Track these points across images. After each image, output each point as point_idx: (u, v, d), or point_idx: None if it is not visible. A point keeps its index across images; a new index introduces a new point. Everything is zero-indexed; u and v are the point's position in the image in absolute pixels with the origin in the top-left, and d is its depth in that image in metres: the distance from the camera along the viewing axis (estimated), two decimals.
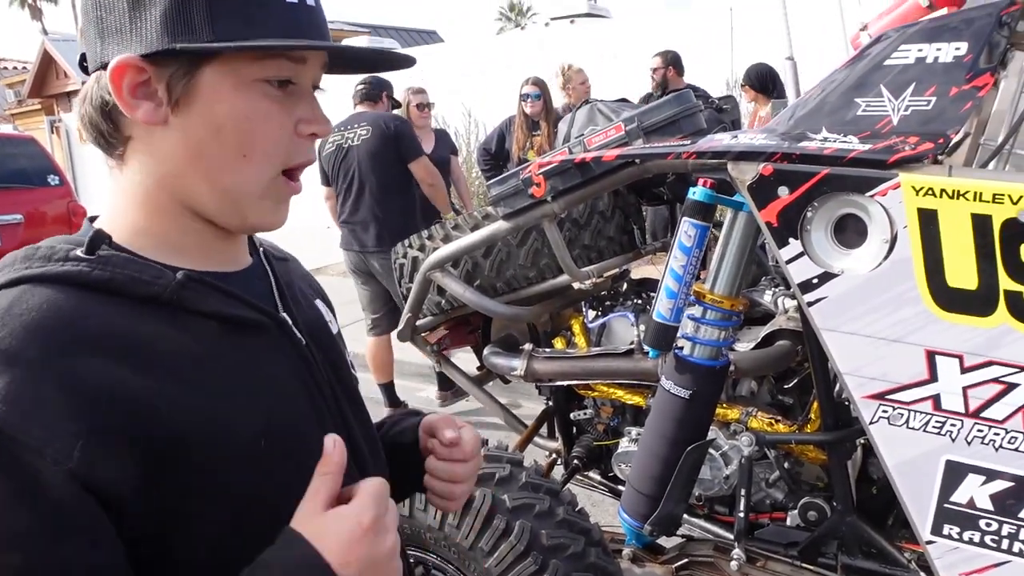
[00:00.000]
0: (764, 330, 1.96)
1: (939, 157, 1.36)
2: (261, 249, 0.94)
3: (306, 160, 0.82)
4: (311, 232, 10.76)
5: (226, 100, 0.76)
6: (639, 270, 3.60)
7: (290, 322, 0.86)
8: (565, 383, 2.25)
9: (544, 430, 2.64)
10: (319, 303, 1.00)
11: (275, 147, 0.79)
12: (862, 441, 1.85)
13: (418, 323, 2.41)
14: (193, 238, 0.82)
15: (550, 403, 2.48)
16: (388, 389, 4.81)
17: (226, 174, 0.78)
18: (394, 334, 2.63)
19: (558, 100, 5.76)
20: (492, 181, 1.97)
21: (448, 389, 4.83)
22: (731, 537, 1.90)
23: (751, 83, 5.66)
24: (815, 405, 1.86)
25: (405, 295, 2.39)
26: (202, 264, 0.82)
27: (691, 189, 1.70)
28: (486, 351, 2.36)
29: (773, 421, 1.92)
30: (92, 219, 0.83)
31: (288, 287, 0.92)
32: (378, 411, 5.08)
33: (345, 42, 13.47)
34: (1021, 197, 1.25)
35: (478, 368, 2.62)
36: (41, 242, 0.78)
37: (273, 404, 0.80)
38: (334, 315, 1.04)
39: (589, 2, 11.46)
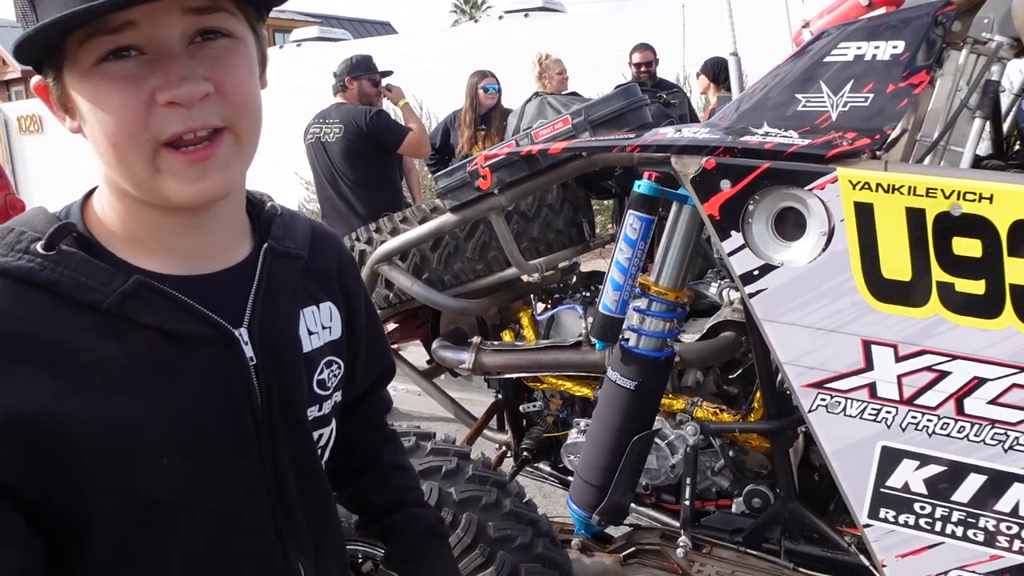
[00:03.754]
0: (709, 322, 1.99)
1: (876, 152, 1.39)
2: (266, 244, 0.89)
3: (178, 130, 0.74)
4: None
5: (81, 96, 0.74)
6: (589, 263, 3.62)
7: (245, 338, 0.84)
8: (514, 376, 2.25)
9: (494, 423, 2.64)
10: (325, 308, 0.97)
11: (134, 127, 0.73)
12: (803, 429, 1.89)
13: None
14: (153, 230, 0.81)
15: (499, 396, 2.48)
16: None
17: (115, 166, 0.76)
18: None
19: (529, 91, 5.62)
20: (440, 173, 1.96)
21: None
22: (678, 525, 1.93)
23: (706, 71, 5.85)
24: (758, 395, 1.89)
25: None
26: (168, 263, 0.81)
27: (636, 182, 1.72)
28: (434, 344, 2.35)
29: (718, 411, 1.95)
30: (90, 193, 0.84)
31: (275, 293, 0.88)
32: None
33: (296, 32, 13.27)
34: (953, 191, 1.29)
35: (428, 362, 2.62)
36: (12, 221, 0.78)
37: (188, 423, 0.79)
38: (351, 316, 1.02)
39: None
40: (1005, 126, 2.35)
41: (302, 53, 11.38)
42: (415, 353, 2.87)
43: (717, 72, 5.78)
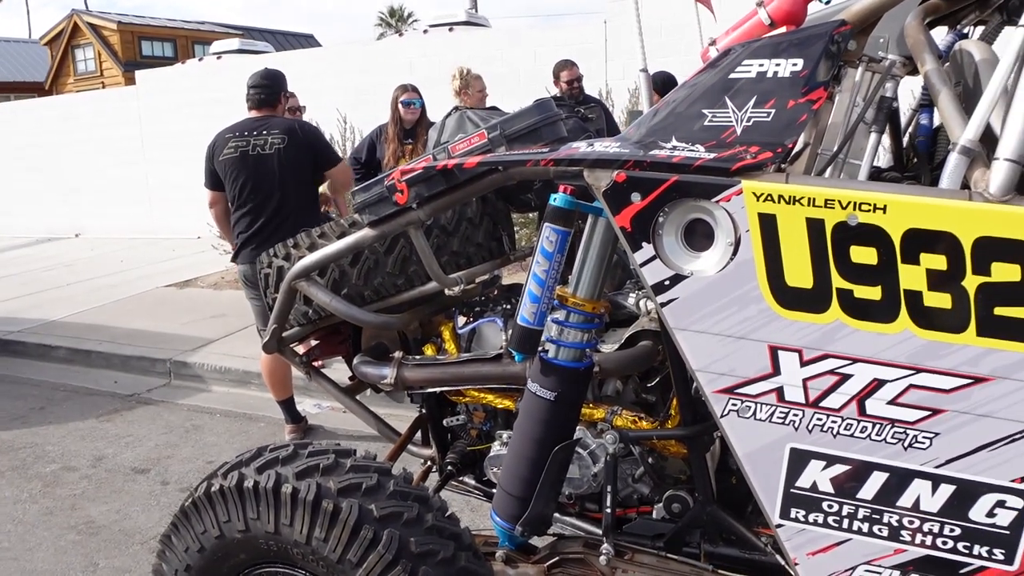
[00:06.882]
0: (627, 331, 2.03)
1: (780, 165, 1.44)
2: None
3: None
4: (184, 243, 10.35)
5: None
6: (512, 276, 3.64)
7: None
8: (436, 390, 2.25)
9: (418, 438, 2.63)
10: None
11: None
12: (720, 434, 1.94)
13: (285, 334, 2.36)
14: None
15: (423, 411, 2.47)
16: (288, 405, 4.62)
17: None
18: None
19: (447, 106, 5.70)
20: (357, 188, 1.95)
21: (298, 422, 4.65)
22: (600, 533, 1.96)
23: (656, 89, 5.98)
24: (675, 402, 1.93)
25: (271, 306, 2.34)
26: None
27: (552, 196, 1.74)
28: (356, 360, 2.33)
29: (637, 419, 1.98)
30: None
31: None
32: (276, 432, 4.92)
33: (216, 45, 13.00)
34: (850, 202, 1.34)
35: (350, 379, 2.59)
36: None
37: None
38: None
39: (468, 11, 11.55)
40: (905, 140, 2.46)
41: (222, 65, 11.17)
42: (337, 370, 2.85)
43: (666, 88, 5.92)
